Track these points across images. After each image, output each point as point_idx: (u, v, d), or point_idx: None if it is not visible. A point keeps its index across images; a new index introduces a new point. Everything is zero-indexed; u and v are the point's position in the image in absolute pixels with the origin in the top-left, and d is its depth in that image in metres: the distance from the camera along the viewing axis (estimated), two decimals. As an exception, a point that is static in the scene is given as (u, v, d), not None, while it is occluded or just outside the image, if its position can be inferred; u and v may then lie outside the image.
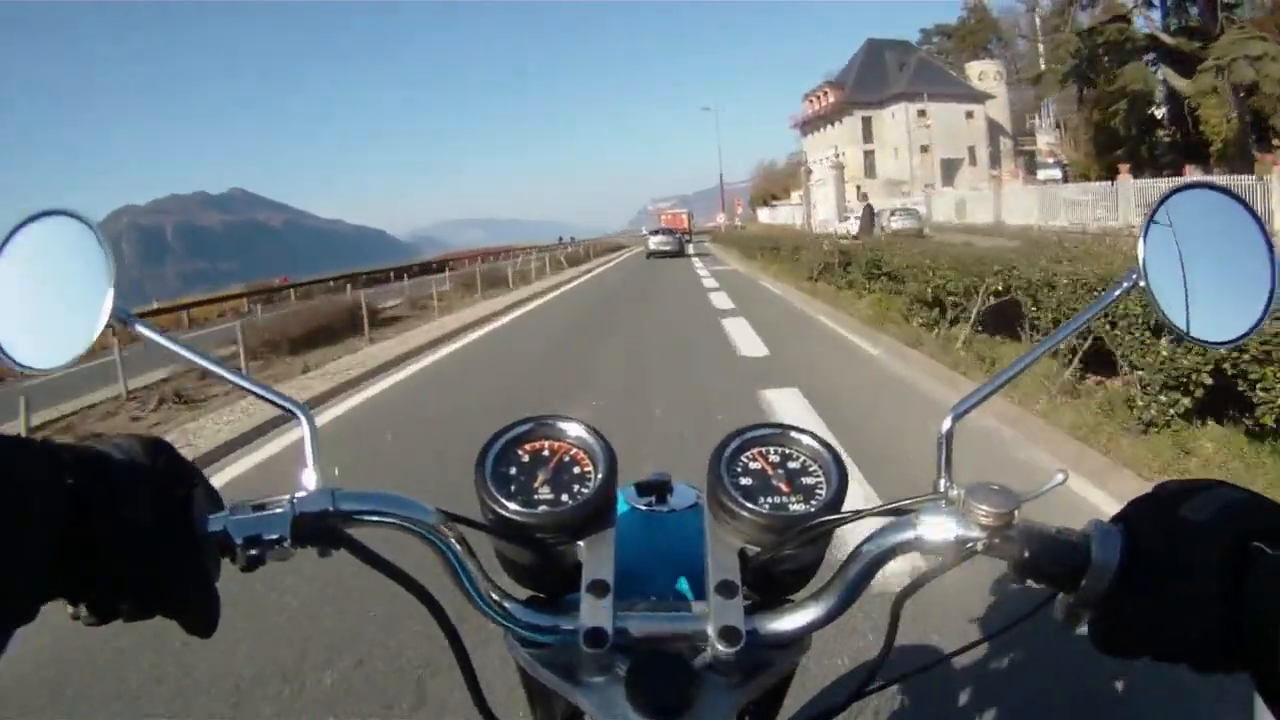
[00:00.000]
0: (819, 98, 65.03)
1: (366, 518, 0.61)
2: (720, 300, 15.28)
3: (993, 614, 2.74)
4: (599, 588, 0.62)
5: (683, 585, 0.72)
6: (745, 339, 10.04)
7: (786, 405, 6.26)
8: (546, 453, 0.70)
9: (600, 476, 0.67)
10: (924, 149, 54.67)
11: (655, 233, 40.38)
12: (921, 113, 54.28)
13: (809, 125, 67.73)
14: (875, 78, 58.73)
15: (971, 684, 2.41)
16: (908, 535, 0.61)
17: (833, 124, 62.11)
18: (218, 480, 6.05)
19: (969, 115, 54.17)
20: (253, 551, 0.57)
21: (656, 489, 0.81)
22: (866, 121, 59.08)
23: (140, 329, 0.67)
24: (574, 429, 0.71)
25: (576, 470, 0.69)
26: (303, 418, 0.64)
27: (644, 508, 0.80)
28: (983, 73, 56.38)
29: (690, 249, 39.36)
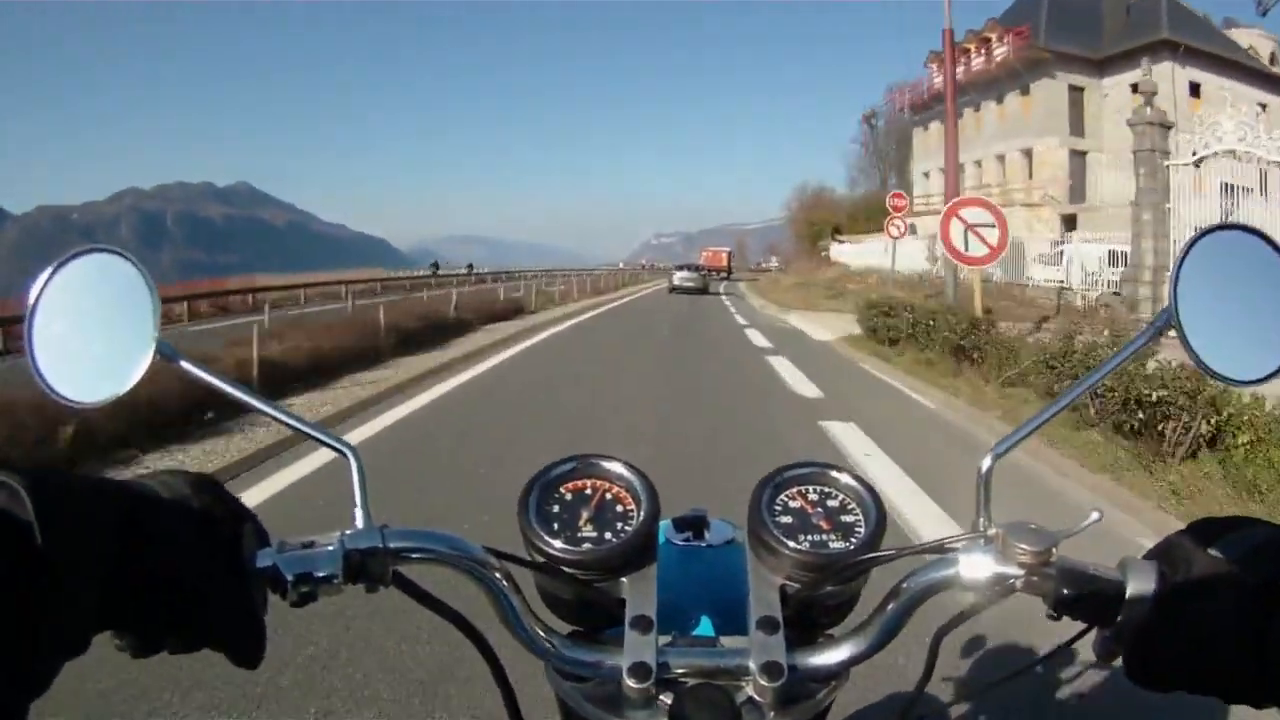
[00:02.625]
0: (974, 51, 34.88)
1: (415, 555, 0.63)
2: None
3: (1028, 647, 2.80)
4: (642, 623, 0.64)
5: (722, 620, 0.73)
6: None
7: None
8: (589, 491, 0.73)
9: (643, 515, 0.69)
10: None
11: (681, 268, 40.65)
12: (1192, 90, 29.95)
13: (924, 109, 40.28)
14: (1084, 22, 32.43)
15: (1011, 716, 2.51)
16: (948, 573, 0.63)
17: (993, 97, 35.12)
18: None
19: (1262, 108, 26.06)
20: (304, 589, 0.59)
21: (694, 525, 0.83)
22: (1076, 97, 32.57)
23: (185, 365, 0.69)
24: (615, 467, 0.73)
25: (619, 508, 0.71)
26: (351, 458, 0.66)
27: (681, 543, 0.82)
28: (1251, 47, 34.27)
29: (727, 298, 34.15)
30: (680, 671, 0.64)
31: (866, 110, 64.10)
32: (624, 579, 0.68)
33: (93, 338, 0.69)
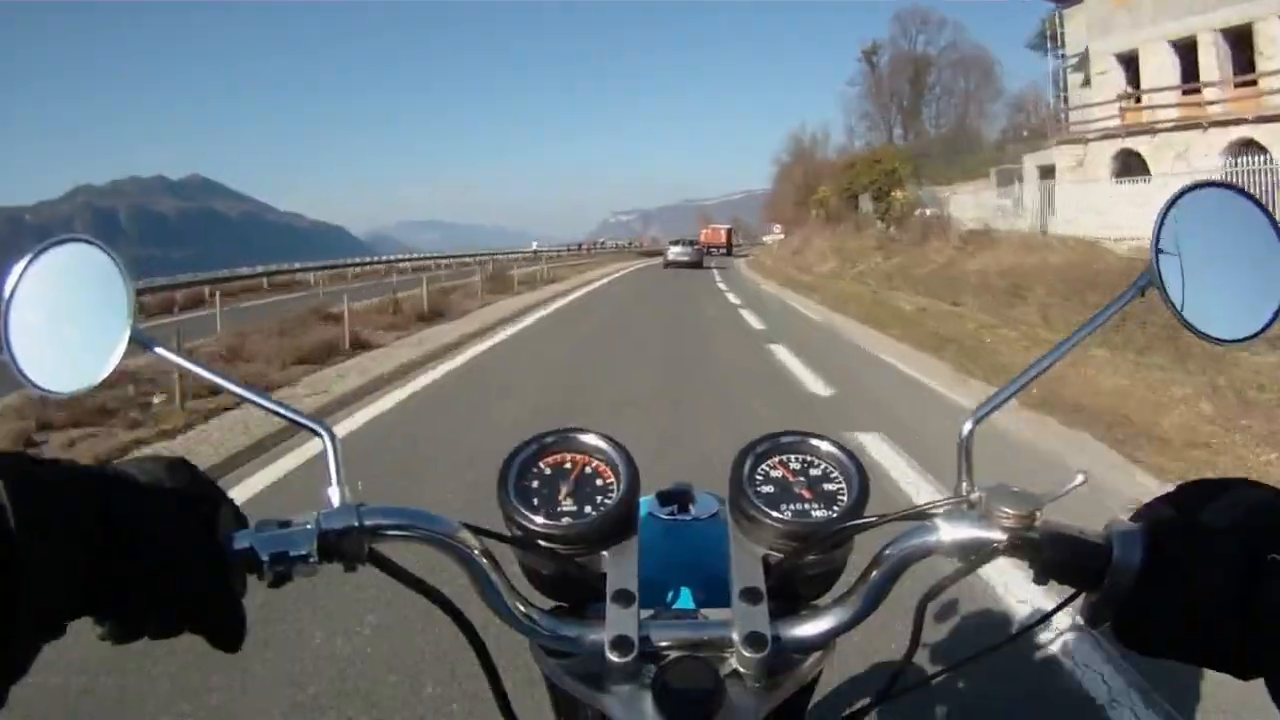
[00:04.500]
0: None
1: (392, 533, 0.64)
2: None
3: (1014, 612, 2.81)
4: (623, 597, 0.66)
5: (707, 593, 0.74)
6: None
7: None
8: (568, 465, 0.74)
9: (622, 487, 0.71)
10: None
11: (675, 243, 43.67)
12: None
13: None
14: None
15: (999, 683, 2.51)
16: (930, 539, 0.63)
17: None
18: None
19: None
20: (279, 568, 0.59)
21: (678, 498, 0.84)
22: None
23: (160, 351, 0.71)
24: (594, 440, 0.75)
25: (599, 482, 0.72)
26: (326, 436, 0.67)
27: (666, 517, 0.83)
28: None
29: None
30: (663, 645, 0.65)
31: (865, 44, 59.89)
32: (605, 553, 0.69)
33: (68, 327, 0.71)
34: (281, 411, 0.71)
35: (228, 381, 0.73)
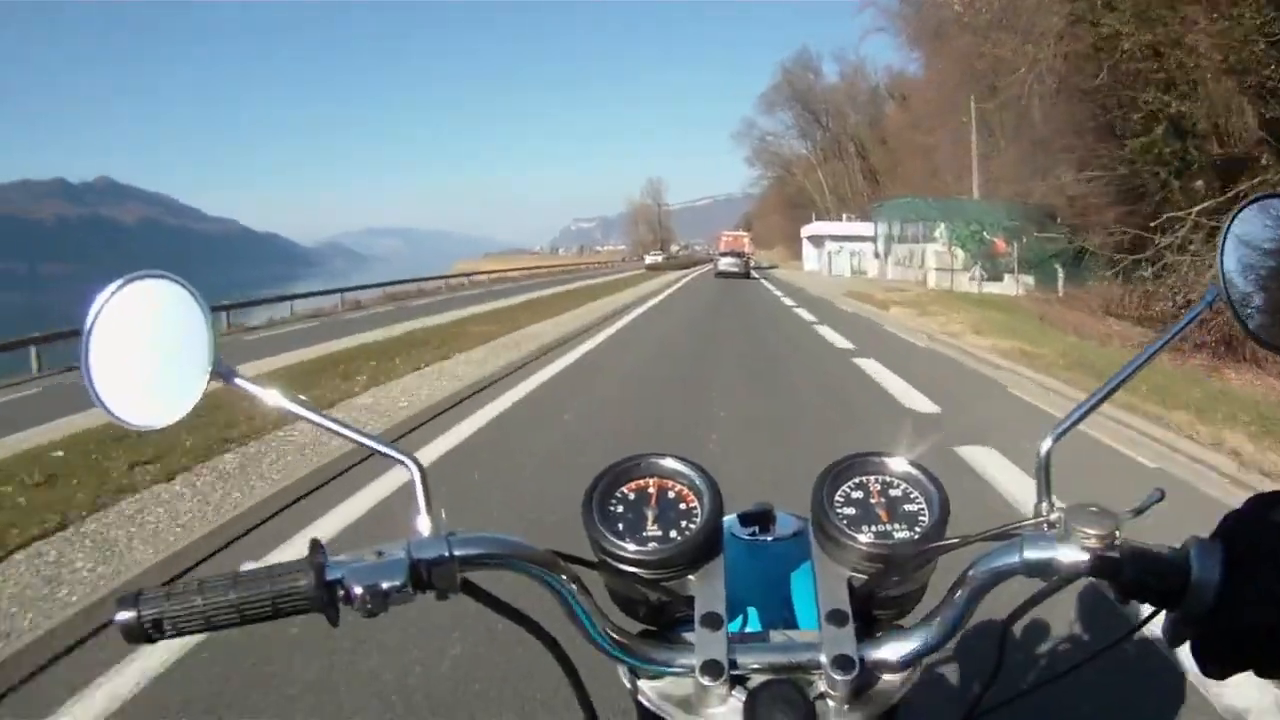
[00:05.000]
0: None
1: (482, 561, 0.74)
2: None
3: (1095, 633, 3.05)
4: (712, 620, 0.74)
5: (788, 614, 0.83)
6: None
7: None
8: (651, 489, 0.83)
9: (706, 510, 0.80)
10: None
11: (725, 255, 52.54)
12: None
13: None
14: None
15: (1082, 702, 2.77)
16: (1013, 560, 0.71)
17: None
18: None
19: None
20: (372, 601, 0.69)
21: (759, 519, 0.93)
22: None
23: (241, 384, 0.81)
24: (675, 464, 0.84)
25: (682, 506, 0.81)
26: (414, 468, 0.78)
27: (747, 538, 0.92)
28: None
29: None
30: (752, 667, 0.73)
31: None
32: (691, 576, 0.78)
33: (149, 361, 0.81)
34: (370, 444, 0.82)
35: (314, 414, 0.82)
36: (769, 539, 0.91)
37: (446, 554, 0.72)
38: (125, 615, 0.70)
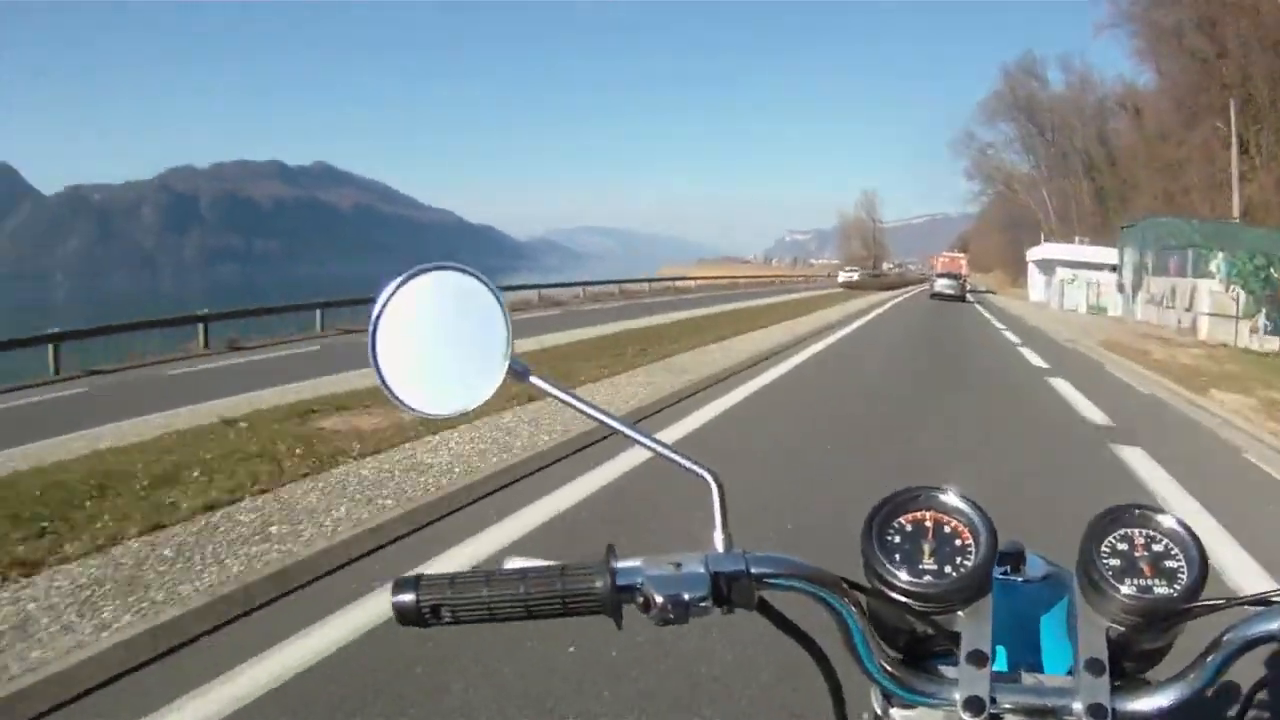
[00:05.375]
0: None
1: (775, 581, 0.84)
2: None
3: None
4: (977, 658, 0.84)
5: (1035, 656, 0.92)
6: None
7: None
8: (928, 523, 0.93)
9: (982, 550, 0.90)
10: None
11: (940, 275, 56.70)
12: None
13: None
14: None
15: None
16: (1273, 626, 0.77)
17: None
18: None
19: None
20: (673, 611, 0.78)
21: (1011, 558, 1.03)
22: None
23: (537, 382, 0.92)
24: (955, 501, 0.94)
25: (957, 542, 0.91)
26: (712, 482, 0.89)
27: (1000, 577, 1.01)
28: None
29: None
30: (1007, 706, 0.83)
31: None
32: (960, 613, 0.88)
33: (442, 352, 0.93)
34: (669, 454, 0.92)
35: (611, 419, 0.93)
36: (1019, 579, 1.00)
37: (744, 570, 0.82)
38: (403, 598, 0.83)
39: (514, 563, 0.86)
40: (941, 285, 53.16)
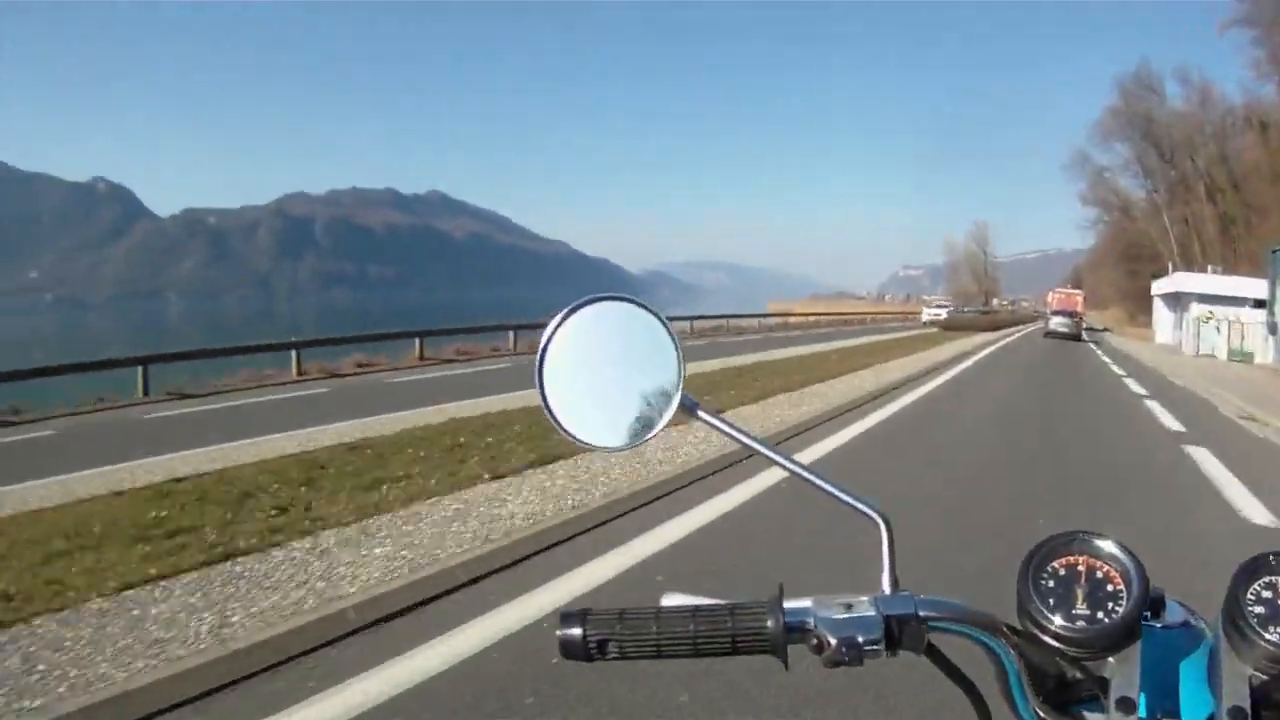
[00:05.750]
0: None
1: (943, 624, 0.85)
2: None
3: None
4: (1126, 705, 0.84)
5: (1175, 703, 0.90)
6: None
7: None
8: (1081, 567, 0.94)
9: (1134, 597, 0.90)
10: None
11: (1056, 313, 54.60)
12: None
13: None
14: None
15: None
16: None
17: None
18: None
19: None
20: (847, 654, 0.80)
21: (1151, 604, 0.98)
22: None
23: (705, 416, 0.93)
24: (1109, 547, 0.95)
25: (1109, 587, 0.92)
26: (882, 523, 0.90)
27: (1143, 623, 0.97)
28: None
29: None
30: None
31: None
32: (1111, 659, 0.88)
33: (610, 384, 0.94)
34: (836, 493, 0.93)
35: (782, 457, 0.94)
36: (1158, 625, 0.96)
37: (914, 613, 0.84)
38: (570, 632, 0.85)
39: (672, 599, 0.91)
40: (1056, 323, 51.95)
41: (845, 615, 0.80)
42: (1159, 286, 53.55)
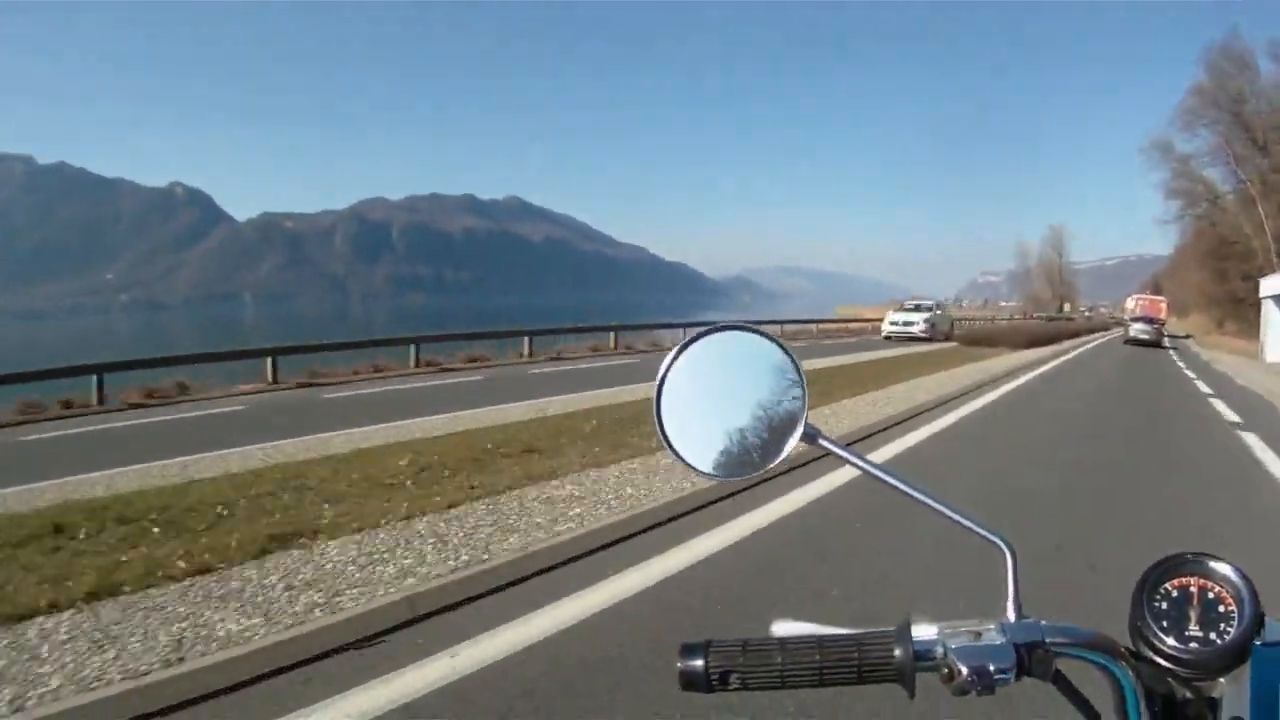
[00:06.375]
0: None
1: (1069, 650, 0.86)
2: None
3: None
4: None
5: None
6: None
7: None
8: (1193, 589, 0.96)
9: (1245, 619, 0.92)
10: None
11: (1136, 320, 55.24)
12: None
13: None
14: None
15: None
16: None
17: None
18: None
19: None
20: (979, 683, 0.81)
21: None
22: None
23: (826, 444, 0.94)
24: (1223, 569, 0.97)
25: (1221, 608, 0.94)
26: (1006, 550, 0.92)
27: None
28: None
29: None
30: None
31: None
32: (1222, 679, 0.90)
33: (730, 414, 0.95)
34: (963, 521, 0.95)
35: (906, 485, 0.95)
36: (1259, 643, 0.95)
37: (1041, 640, 0.84)
38: (692, 664, 0.85)
39: (783, 627, 0.90)
40: (1137, 330, 51.66)
41: (976, 644, 0.82)
42: (1269, 285, 40.41)
